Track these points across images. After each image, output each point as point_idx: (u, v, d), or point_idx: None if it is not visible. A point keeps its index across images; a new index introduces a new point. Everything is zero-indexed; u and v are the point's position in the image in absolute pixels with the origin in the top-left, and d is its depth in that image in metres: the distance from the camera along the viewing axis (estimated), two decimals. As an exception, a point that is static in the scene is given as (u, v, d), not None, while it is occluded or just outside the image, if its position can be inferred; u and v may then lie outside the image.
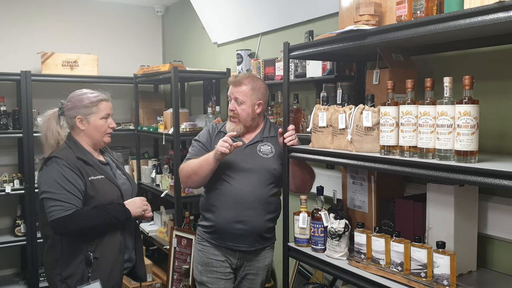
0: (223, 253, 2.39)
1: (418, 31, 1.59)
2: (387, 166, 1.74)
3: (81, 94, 2.22)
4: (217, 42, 4.08)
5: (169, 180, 3.89)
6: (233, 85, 2.38)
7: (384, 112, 1.78)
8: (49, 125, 2.22)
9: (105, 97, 2.25)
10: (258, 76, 2.83)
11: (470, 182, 1.47)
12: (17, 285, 4.25)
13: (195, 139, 2.48)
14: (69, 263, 2.08)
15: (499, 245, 1.92)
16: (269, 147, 2.40)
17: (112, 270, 2.15)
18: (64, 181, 2.03)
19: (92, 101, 2.19)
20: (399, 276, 1.77)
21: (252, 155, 2.35)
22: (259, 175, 2.33)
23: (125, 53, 4.91)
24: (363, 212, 2.21)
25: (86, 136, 2.20)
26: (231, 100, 2.39)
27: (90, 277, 2.08)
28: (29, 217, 4.09)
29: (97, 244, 2.10)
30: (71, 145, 2.17)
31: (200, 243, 2.46)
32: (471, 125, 1.50)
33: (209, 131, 2.46)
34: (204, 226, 2.43)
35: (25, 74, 4.03)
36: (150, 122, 4.46)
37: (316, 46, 2.06)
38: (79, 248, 2.08)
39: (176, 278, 3.53)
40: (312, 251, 2.17)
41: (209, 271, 2.40)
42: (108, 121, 2.24)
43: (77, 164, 2.09)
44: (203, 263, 2.42)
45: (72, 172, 2.06)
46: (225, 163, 2.31)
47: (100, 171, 2.17)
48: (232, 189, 2.31)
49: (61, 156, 2.08)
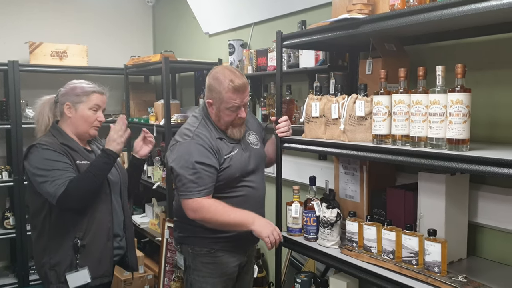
0: (238, 256, 2.24)
1: (412, 20, 1.59)
2: (380, 155, 1.75)
3: (76, 83, 2.20)
4: (209, 32, 4.05)
5: (161, 172, 3.87)
6: (241, 92, 2.09)
7: (376, 101, 1.79)
8: (42, 110, 2.20)
9: (100, 90, 2.21)
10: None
11: (461, 170, 1.48)
12: (6, 277, 4.22)
13: (197, 162, 2.03)
14: (57, 250, 2.08)
15: (489, 233, 1.94)
16: (253, 136, 2.31)
17: (101, 257, 2.14)
18: (52, 163, 2.02)
19: (85, 90, 2.17)
20: (390, 263, 1.79)
21: (249, 150, 2.24)
22: (261, 169, 2.31)
23: (115, 44, 4.86)
24: (355, 201, 2.22)
25: (72, 125, 2.17)
26: (239, 108, 2.11)
27: (78, 264, 2.07)
28: (18, 209, 4.06)
29: (84, 231, 2.09)
30: (54, 133, 2.15)
31: (209, 255, 2.17)
32: (463, 114, 1.52)
33: (205, 146, 2.07)
34: (222, 238, 2.15)
35: (12, 64, 3.98)
36: (141, 114, 4.42)
37: (309, 35, 2.06)
38: (66, 235, 2.08)
39: (168, 270, 3.53)
40: (304, 240, 2.18)
41: (223, 281, 2.21)
42: (97, 114, 2.19)
43: (62, 148, 2.08)
44: (219, 275, 2.19)
45: (57, 153, 2.05)
46: (236, 167, 2.13)
47: (85, 156, 2.16)
48: (254, 191, 2.22)
49: (44, 142, 2.07)
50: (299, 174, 2.87)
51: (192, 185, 2.03)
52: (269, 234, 1.99)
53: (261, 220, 2.05)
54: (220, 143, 2.13)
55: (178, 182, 2.08)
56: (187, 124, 2.19)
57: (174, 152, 2.11)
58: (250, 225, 2.02)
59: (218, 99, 2.10)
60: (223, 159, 2.11)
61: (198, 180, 2.03)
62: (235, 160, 2.14)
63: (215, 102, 2.12)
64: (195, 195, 2.03)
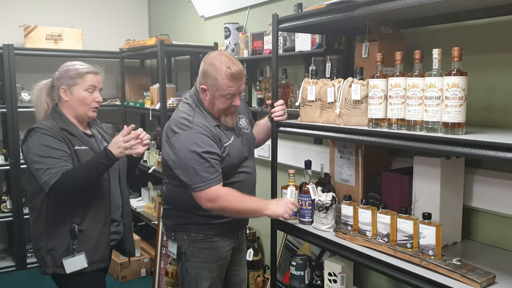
0: (232, 240, 2.25)
1: (408, 2, 1.58)
2: (375, 139, 1.75)
3: (70, 65, 2.17)
4: (204, 16, 4.01)
5: (157, 156, 3.87)
6: (238, 79, 2.04)
7: (372, 84, 1.78)
8: (39, 95, 2.19)
9: (94, 69, 2.18)
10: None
11: (457, 153, 1.48)
12: (4, 260, 4.25)
13: (204, 152, 1.99)
14: (54, 234, 2.08)
15: (483, 217, 1.95)
16: (243, 119, 2.29)
17: (98, 242, 2.14)
18: (48, 150, 2.00)
19: (78, 72, 2.13)
20: (385, 247, 1.80)
21: (241, 135, 2.22)
22: (252, 153, 2.30)
23: (110, 27, 4.81)
24: (350, 185, 2.23)
25: (70, 108, 2.15)
26: (234, 96, 2.07)
27: (75, 249, 2.08)
28: (14, 193, 4.07)
29: (82, 216, 2.09)
30: (55, 116, 2.13)
31: (205, 241, 2.17)
32: (459, 97, 1.51)
33: (207, 135, 2.03)
34: (217, 224, 2.15)
35: (7, 48, 3.94)
36: (136, 98, 4.40)
37: (306, 17, 2.04)
38: (64, 220, 2.08)
39: (165, 253, 3.54)
40: (299, 224, 2.19)
41: (219, 265, 2.22)
42: (93, 95, 2.16)
43: (61, 134, 2.06)
44: (215, 259, 2.19)
45: (55, 139, 2.03)
46: (235, 155, 2.12)
47: (85, 142, 2.14)
48: (249, 176, 2.22)
49: (43, 126, 2.05)
50: (295, 158, 2.87)
51: (205, 175, 1.98)
52: (284, 212, 2.05)
53: (272, 203, 2.10)
54: (218, 130, 2.09)
55: (186, 175, 2.00)
56: (181, 112, 2.09)
57: (175, 145, 2.02)
58: (264, 211, 2.06)
59: (213, 85, 2.03)
60: (222, 147, 2.08)
61: (209, 169, 1.99)
62: (233, 148, 2.11)
63: (210, 88, 2.05)
64: (209, 185, 1.98)
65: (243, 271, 2.44)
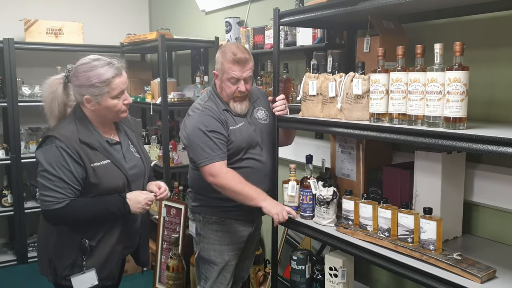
0: (245, 226, 2.38)
1: (410, -4, 1.57)
2: (376, 134, 1.75)
3: (89, 70, 1.87)
4: (205, 10, 4.00)
5: (158, 150, 3.87)
6: (241, 65, 2.18)
7: (374, 79, 1.78)
8: (54, 96, 1.92)
9: (118, 70, 1.90)
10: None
11: (458, 148, 1.48)
12: (5, 255, 4.26)
13: (209, 131, 2.17)
14: (61, 244, 1.92)
15: (484, 211, 1.96)
16: (262, 111, 2.39)
17: (108, 259, 1.98)
18: (61, 168, 1.82)
19: (103, 79, 1.86)
20: (386, 241, 1.80)
21: (255, 124, 2.32)
22: (269, 144, 2.34)
23: (111, 21, 4.80)
24: (351, 180, 2.23)
25: (96, 115, 1.94)
26: (239, 81, 2.20)
27: (85, 265, 1.91)
28: (15, 187, 4.07)
29: (95, 232, 1.93)
30: (77, 121, 1.90)
31: (218, 223, 2.33)
32: (460, 92, 1.51)
33: (214, 117, 2.20)
34: (230, 207, 2.27)
35: (7, 42, 3.93)
36: (137, 92, 4.40)
37: (307, 12, 2.03)
38: (74, 233, 1.91)
39: (166, 247, 3.55)
40: (300, 218, 2.20)
41: (230, 249, 2.35)
42: (122, 98, 1.93)
43: (78, 149, 1.85)
44: (227, 242, 2.34)
45: (71, 158, 1.83)
46: (241, 139, 2.24)
47: (107, 154, 1.93)
48: (260, 165, 2.30)
49: (61, 137, 1.84)
50: (296, 153, 2.87)
51: (208, 151, 2.16)
52: (278, 212, 2.12)
53: (271, 200, 2.19)
54: (226, 114, 2.26)
55: (193, 151, 2.21)
56: (198, 99, 2.35)
57: (186, 125, 2.26)
58: (261, 201, 2.14)
59: (221, 69, 2.23)
60: (228, 130, 2.23)
61: (213, 146, 2.17)
62: (241, 132, 2.25)
63: (219, 72, 2.25)
64: (212, 161, 2.15)
65: (247, 261, 2.58)
